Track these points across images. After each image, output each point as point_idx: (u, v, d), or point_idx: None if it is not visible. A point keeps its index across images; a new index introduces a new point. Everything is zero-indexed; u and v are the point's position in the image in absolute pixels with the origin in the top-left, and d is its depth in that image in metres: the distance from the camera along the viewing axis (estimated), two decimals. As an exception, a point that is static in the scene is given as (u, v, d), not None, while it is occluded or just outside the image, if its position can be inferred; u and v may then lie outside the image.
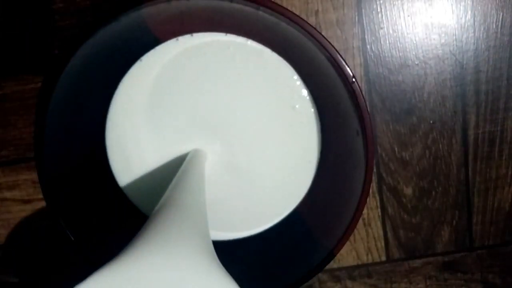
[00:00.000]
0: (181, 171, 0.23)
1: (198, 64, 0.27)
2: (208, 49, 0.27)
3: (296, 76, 0.27)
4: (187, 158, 0.26)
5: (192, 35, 0.26)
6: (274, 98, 0.28)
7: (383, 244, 0.31)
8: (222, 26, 0.26)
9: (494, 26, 0.29)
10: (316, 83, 0.27)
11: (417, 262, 0.32)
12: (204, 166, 0.26)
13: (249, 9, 0.22)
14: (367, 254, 0.31)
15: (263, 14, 0.22)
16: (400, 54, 0.28)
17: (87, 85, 0.25)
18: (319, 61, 0.23)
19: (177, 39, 0.26)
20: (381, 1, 0.28)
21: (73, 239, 0.25)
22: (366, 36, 0.28)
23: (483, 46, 0.29)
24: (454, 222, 0.31)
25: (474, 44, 0.29)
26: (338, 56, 0.21)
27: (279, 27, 0.22)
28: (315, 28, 0.21)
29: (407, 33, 0.28)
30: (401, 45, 0.28)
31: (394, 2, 0.28)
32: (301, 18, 0.21)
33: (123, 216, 0.28)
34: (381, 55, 0.28)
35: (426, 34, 0.28)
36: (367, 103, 0.28)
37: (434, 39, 0.28)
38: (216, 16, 0.25)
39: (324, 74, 0.24)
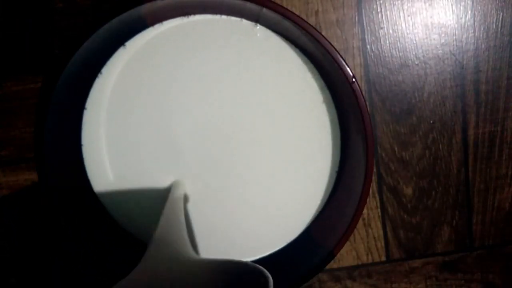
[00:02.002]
0: (166, 209, 0.22)
1: (192, 40, 0.24)
2: (214, 24, 0.23)
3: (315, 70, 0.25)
4: (170, 194, 0.24)
5: (187, 17, 0.24)
6: (305, 91, 0.24)
7: (383, 244, 0.31)
8: (223, 11, 0.24)
9: (494, 26, 0.29)
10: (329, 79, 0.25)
11: (417, 262, 0.32)
12: (181, 197, 0.25)
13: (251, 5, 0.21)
14: (367, 254, 0.31)
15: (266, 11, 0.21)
16: (400, 54, 0.28)
17: (80, 82, 0.25)
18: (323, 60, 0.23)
19: (170, 21, 0.24)
20: (381, 1, 0.28)
21: (73, 238, 0.25)
22: (366, 36, 0.28)
23: (483, 46, 0.29)
24: (454, 222, 0.31)
25: (474, 44, 0.29)
26: (338, 56, 0.21)
27: (285, 23, 0.22)
28: (315, 28, 0.21)
29: (407, 33, 0.28)
30: (401, 45, 0.28)
31: (394, 2, 0.28)
32: (301, 18, 0.21)
33: (99, 225, 0.27)
34: (381, 55, 0.28)
35: (426, 34, 0.28)
36: (367, 103, 0.28)
37: (434, 39, 0.28)
38: (218, 4, 0.23)
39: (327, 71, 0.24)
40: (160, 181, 0.26)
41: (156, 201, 0.26)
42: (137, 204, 0.27)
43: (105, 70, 0.25)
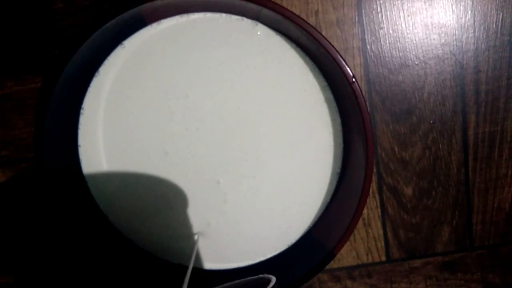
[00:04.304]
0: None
1: (192, 38, 0.24)
2: (214, 22, 0.23)
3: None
4: (196, 247, 0.25)
5: (187, 15, 0.24)
6: (307, 90, 0.24)
7: (383, 244, 0.31)
8: (224, 10, 0.24)
9: (494, 26, 0.29)
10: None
11: (417, 262, 0.32)
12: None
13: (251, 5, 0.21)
14: (367, 254, 0.31)
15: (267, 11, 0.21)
16: (400, 54, 0.28)
17: (79, 82, 0.25)
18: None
19: (169, 19, 0.24)
20: (381, 1, 0.28)
21: (70, 237, 0.25)
22: (366, 36, 0.28)
23: (483, 46, 0.29)
24: (454, 222, 0.31)
25: (474, 44, 0.29)
26: (338, 56, 0.21)
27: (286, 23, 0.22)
28: (315, 28, 0.21)
29: (407, 33, 0.28)
30: (401, 45, 0.28)
31: (394, 2, 0.28)
32: (301, 18, 0.21)
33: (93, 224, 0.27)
34: (381, 55, 0.28)
35: (426, 34, 0.28)
36: (367, 103, 0.28)
37: (434, 39, 0.28)
38: (218, 2, 0.23)
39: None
40: (158, 183, 0.26)
41: (152, 202, 0.26)
42: (132, 205, 0.26)
43: (102, 69, 0.24)
